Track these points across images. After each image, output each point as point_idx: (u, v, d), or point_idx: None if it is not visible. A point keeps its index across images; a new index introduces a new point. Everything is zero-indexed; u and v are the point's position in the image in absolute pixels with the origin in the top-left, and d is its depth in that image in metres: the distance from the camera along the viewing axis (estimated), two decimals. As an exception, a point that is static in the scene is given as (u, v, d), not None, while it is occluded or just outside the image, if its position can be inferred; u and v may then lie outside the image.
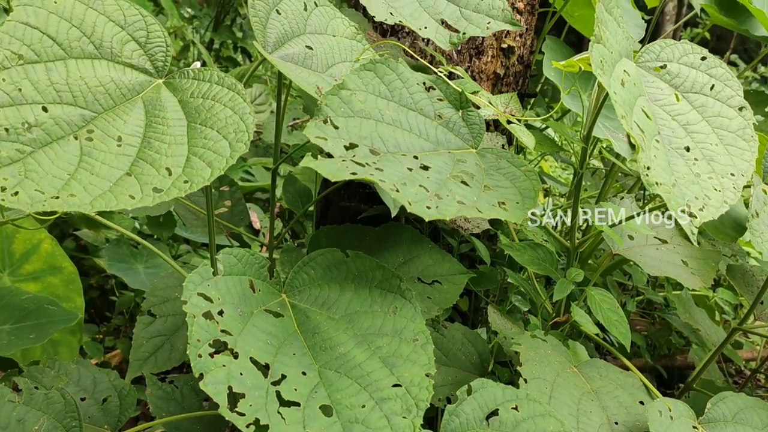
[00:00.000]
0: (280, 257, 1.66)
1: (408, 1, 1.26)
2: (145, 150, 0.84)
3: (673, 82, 0.96)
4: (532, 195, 0.89)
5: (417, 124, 0.95)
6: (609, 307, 1.07)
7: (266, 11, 1.06)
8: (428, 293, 1.21)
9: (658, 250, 1.25)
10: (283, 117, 1.39)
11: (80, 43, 0.86)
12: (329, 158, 0.83)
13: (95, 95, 0.85)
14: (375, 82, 0.94)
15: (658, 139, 0.88)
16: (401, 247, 1.28)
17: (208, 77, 0.92)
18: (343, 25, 1.17)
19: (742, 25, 1.64)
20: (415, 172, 0.86)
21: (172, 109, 0.89)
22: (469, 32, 1.26)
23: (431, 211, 0.81)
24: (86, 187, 0.78)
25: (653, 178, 0.81)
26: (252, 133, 0.87)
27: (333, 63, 1.11)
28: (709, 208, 0.84)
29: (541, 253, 1.12)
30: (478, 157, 0.96)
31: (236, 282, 0.86)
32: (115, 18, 0.90)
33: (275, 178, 1.44)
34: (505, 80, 1.64)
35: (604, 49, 0.85)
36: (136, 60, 0.91)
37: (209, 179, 0.82)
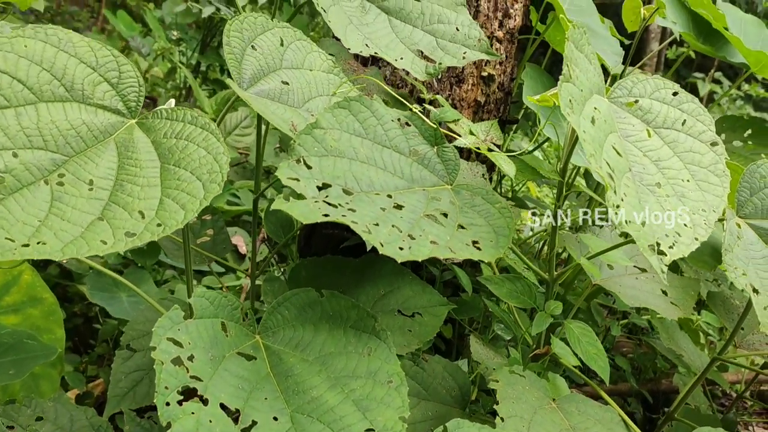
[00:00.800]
0: (263, 287, 1.65)
1: (384, 32, 1.27)
2: (118, 193, 0.83)
3: (645, 117, 0.96)
4: (506, 233, 0.89)
5: (392, 161, 0.95)
6: (588, 340, 1.06)
7: (242, 47, 1.07)
8: (408, 326, 1.20)
9: (638, 279, 1.25)
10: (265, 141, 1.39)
11: (51, 87, 0.86)
12: (302, 199, 0.82)
13: (66, 138, 0.85)
14: (349, 120, 0.95)
15: (629, 176, 0.88)
16: (382, 279, 1.27)
17: (181, 117, 0.92)
18: (320, 59, 1.17)
19: (719, 51, 1.66)
20: (388, 212, 0.86)
21: (145, 150, 0.89)
22: (446, 62, 1.27)
23: (404, 252, 0.80)
24: (57, 233, 0.77)
25: (623, 217, 0.82)
26: (225, 174, 0.87)
27: (310, 97, 1.11)
28: (680, 246, 0.84)
29: (519, 285, 1.11)
30: (452, 193, 0.96)
31: (208, 325, 0.85)
32: (86, 60, 0.90)
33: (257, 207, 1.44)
34: (486, 107, 1.65)
35: (574, 87, 0.86)
36: (109, 101, 0.91)
37: (182, 222, 0.81)
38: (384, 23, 1.27)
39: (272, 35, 1.10)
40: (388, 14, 1.28)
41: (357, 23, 1.24)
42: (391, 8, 1.29)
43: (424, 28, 1.29)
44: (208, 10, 3.25)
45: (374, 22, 1.26)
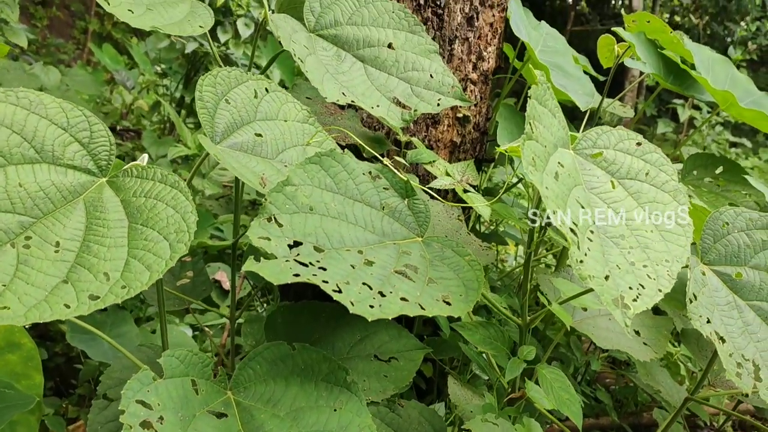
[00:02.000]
0: (243, 328, 1.65)
1: (360, 80, 1.29)
2: (84, 254, 0.84)
3: (609, 168, 0.98)
4: (476, 286, 0.90)
5: (363, 215, 0.96)
6: (560, 386, 1.07)
7: (215, 101, 1.08)
8: (385, 371, 1.20)
9: (611, 320, 1.26)
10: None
11: (20, 149, 0.87)
12: (272, 259, 0.83)
13: (34, 200, 0.86)
14: (321, 175, 0.96)
15: (593, 230, 0.90)
16: (358, 324, 1.28)
17: (151, 175, 0.93)
18: (295, 110, 1.19)
19: (688, 90, 1.69)
20: (359, 269, 0.87)
21: (114, 209, 0.89)
22: (421, 109, 1.29)
23: (374, 311, 0.81)
24: (21, 297, 0.78)
25: (585, 272, 0.83)
26: (193, 233, 0.88)
27: (284, 148, 1.13)
28: (644, 298, 0.86)
29: (493, 331, 1.12)
30: (423, 246, 0.97)
31: (178, 384, 0.86)
32: (57, 121, 0.91)
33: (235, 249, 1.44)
34: (462, 147, 1.67)
35: (537, 144, 0.87)
36: (79, 161, 0.91)
37: (147, 283, 0.82)
38: (360, 71, 1.29)
39: (246, 88, 1.12)
40: (363, 62, 1.31)
41: (333, 72, 1.26)
42: (366, 56, 1.31)
43: (399, 76, 1.31)
44: (191, 45, 3.28)
45: (350, 71, 1.28)
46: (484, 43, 1.63)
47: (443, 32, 1.58)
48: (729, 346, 0.93)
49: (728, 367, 0.92)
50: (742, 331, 0.96)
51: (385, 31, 1.35)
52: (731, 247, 1.03)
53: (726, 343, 0.93)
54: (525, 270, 1.13)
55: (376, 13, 1.35)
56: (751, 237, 1.03)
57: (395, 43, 1.34)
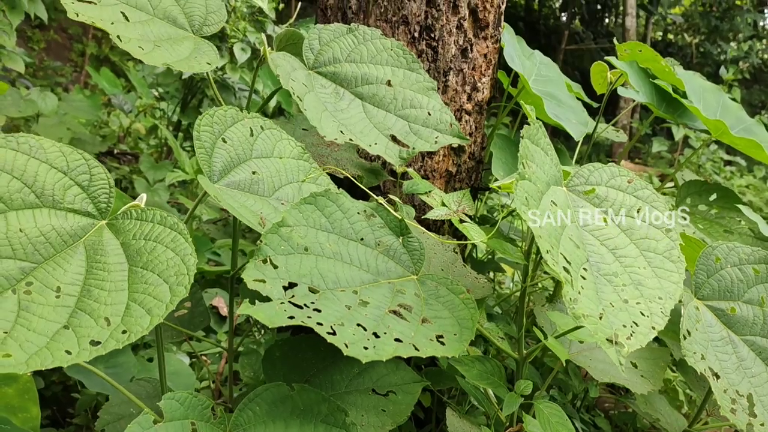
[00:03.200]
0: (241, 361, 1.65)
1: (358, 118, 1.31)
2: (84, 299, 0.85)
3: (601, 205, 1.00)
4: (470, 325, 0.91)
5: (358, 255, 0.97)
6: (558, 420, 1.08)
7: (212, 141, 1.10)
8: (383, 405, 1.21)
9: (607, 352, 1.26)
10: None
11: (21, 194, 0.88)
12: (267, 302, 0.84)
13: (35, 246, 0.87)
14: (316, 215, 0.97)
15: (586, 267, 0.91)
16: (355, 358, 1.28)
17: (151, 217, 0.94)
18: (290, 146, 1.20)
19: (680, 118, 1.72)
20: (354, 310, 0.88)
21: (114, 252, 0.90)
22: (419, 147, 1.31)
23: (368, 352, 0.82)
24: (22, 344, 0.78)
25: (579, 311, 0.84)
26: (192, 276, 0.89)
27: (280, 185, 1.14)
28: (638, 336, 0.86)
29: (489, 366, 1.13)
30: (418, 284, 0.98)
31: (178, 427, 0.86)
32: (57, 165, 0.92)
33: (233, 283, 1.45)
34: (457, 177, 1.69)
35: (530, 184, 0.89)
36: (79, 204, 0.93)
37: (148, 328, 0.83)
38: (358, 109, 1.31)
39: (242, 126, 1.14)
40: (362, 100, 1.33)
41: (332, 109, 1.27)
42: (364, 94, 1.33)
43: (397, 113, 1.33)
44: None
45: (348, 108, 1.30)
46: (479, 74, 1.65)
47: (438, 64, 1.60)
48: (723, 383, 0.94)
49: (723, 404, 0.93)
50: (736, 367, 0.97)
51: (384, 69, 1.37)
52: (724, 282, 1.04)
53: (720, 379, 0.94)
54: (521, 303, 1.14)
55: (374, 50, 1.37)
56: (744, 272, 1.04)
57: (393, 81, 1.36)
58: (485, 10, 1.63)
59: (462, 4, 1.59)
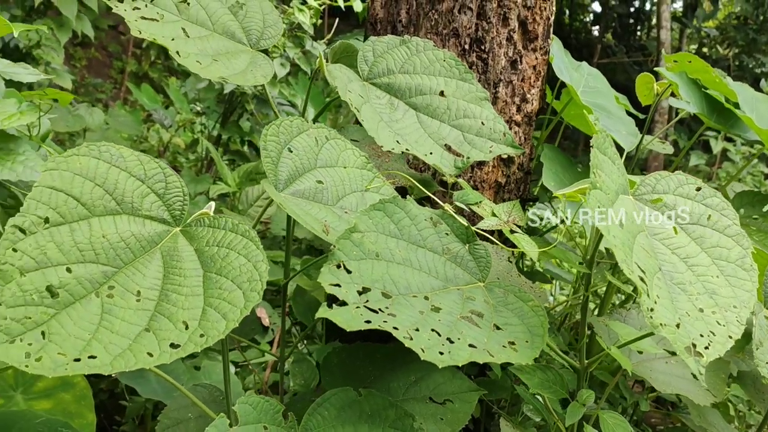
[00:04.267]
0: (292, 368, 1.66)
1: (413, 128, 1.32)
2: (163, 303, 0.87)
3: (670, 214, 0.99)
4: (541, 332, 0.91)
5: (426, 261, 0.98)
6: (622, 431, 1.06)
7: (278, 150, 1.12)
8: (440, 414, 1.21)
9: (668, 363, 1.25)
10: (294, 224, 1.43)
11: (103, 201, 0.91)
12: (343, 306, 0.85)
13: (116, 251, 0.89)
14: (385, 222, 0.98)
15: (660, 276, 0.90)
16: (412, 365, 1.29)
17: (222, 224, 0.96)
18: (354, 156, 1.22)
19: (732, 129, 1.70)
20: (427, 315, 0.88)
21: (189, 258, 0.92)
22: (473, 156, 1.32)
23: (444, 357, 0.83)
24: (106, 346, 0.80)
25: (657, 320, 0.83)
26: (265, 282, 0.90)
27: (343, 194, 1.16)
28: (715, 345, 0.85)
29: (550, 375, 1.12)
30: (486, 291, 0.99)
31: (251, 431, 0.87)
32: (135, 173, 0.95)
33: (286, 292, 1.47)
34: (506, 188, 1.69)
35: (601, 193, 0.89)
36: (155, 211, 0.95)
37: (224, 332, 0.84)
38: (412, 119, 1.32)
39: (307, 136, 1.16)
40: (416, 110, 1.34)
41: (387, 120, 1.29)
42: (418, 104, 1.35)
43: (451, 123, 1.34)
44: (230, 86, 3.37)
45: (403, 118, 1.31)
46: (528, 85, 1.66)
47: (488, 76, 1.61)
48: (799, 394, 0.92)
49: (799, 415, 0.91)
50: (811, 378, 0.95)
51: (437, 79, 1.38)
52: (795, 292, 1.03)
53: (796, 390, 0.92)
54: (582, 313, 1.13)
55: (427, 61, 1.39)
56: (815, 281, 1.02)
57: (446, 91, 1.37)
58: (534, 22, 1.64)
59: (512, 17, 1.60)
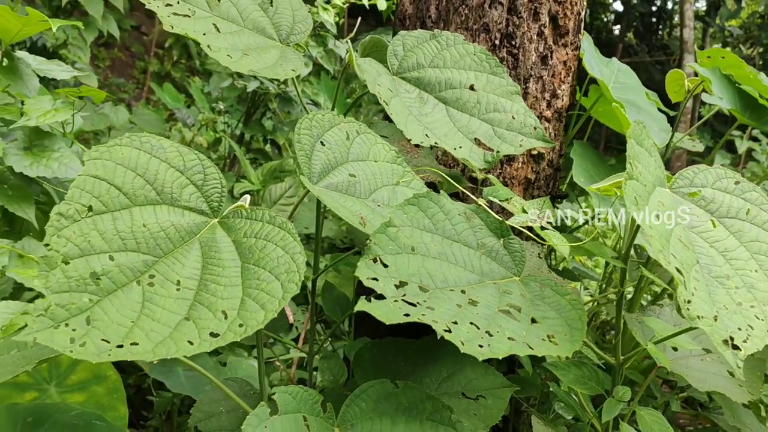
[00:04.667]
0: (320, 364, 1.67)
1: (442, 122, 1.32)
2: (202, 293, 0.87)
3: (708, 207, 0.98)
4: (580, 326, 0.90)
5: (461, 255, 0.98)
6: (660, 428, 1.05)
7: (311, 144, 1.12)
8: (473, 409, 1.20)
9: (703, 360, 1.24)
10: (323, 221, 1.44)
11: (144, 191, 0.92)
12: (382, 300, 0.85)
13: (156, 240, 0.90)
14: (419, 216, 0.98)
15: (697, 269, 0.89)
16: (444, 360, 1.29)
17: (260, 216, 0.97)
18: (384, 150, 1.22)
19: (766, 126, 1.68)
20: (465, 309, 0.88)
21: (227, 249, 0.93)
22: (503, 150, 1.31)
23: (483, 350, 0.82)
24: (148, 334, 0.81)
25: (694, 312, 0.83)
26: (303, 274, 0.91)
27: (375, 188, 1.16)
28: (754, 339, 0.84)
29: (586, 371, 1.12)
30: (522, 285, 0.98)
31: (291, 421, 0.88)
32: (175, 164, 0.96)
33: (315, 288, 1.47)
34: (536, 184, 1.68)
35: (638, 184, 0.88)
36: (194, 202, 0.96)
37: (263, 322, 0.85)
38: (442, 113, 1.32)
39: (339, 130, 1.16)
40: (445, 104, 1.34)
41: (417, 114, 1.29)
42: (448, 98, 1.34)
43: (481, 117, 1.34)
44: (252, 84, 3.39)
45: (433, 112, 1.31)
46: (558, 81, 1.65)
47: (518, 71, 1.60)
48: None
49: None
50: None
51: (467, 73, 1.38)
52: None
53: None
54: (617, 309, 1.12)
55: (457, 55, 1.39)
56: None
57: (477, 85, 1.37)
58: (565, 17, 1.63)
59: (543, 11, 1.60)
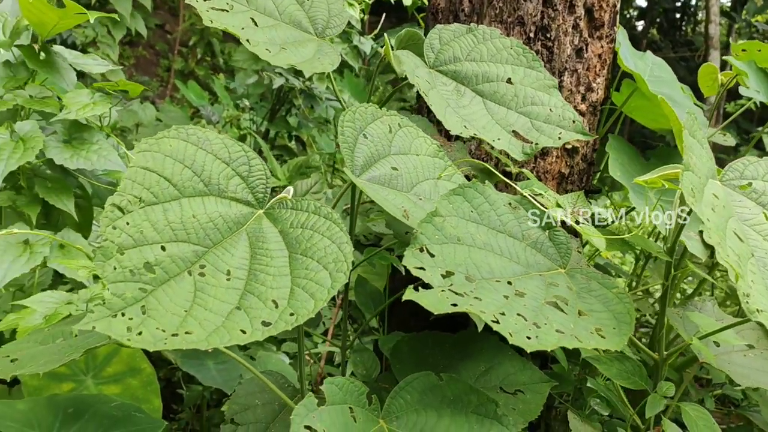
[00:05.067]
0: (352, 358, 1.67)
1: (480, 114, 1.32)
2: (252, 282, 0.88)
3: (760, 200, 0.97)
4: (628, 320, 0.89)
5: (507, 246, 0.98)
6: (705, 423, 1.04)
7: (354, 136, 1.12)
8: (512, 404, 1.20)
9: (746, 356, 1.22)
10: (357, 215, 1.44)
11: (192, 182, 0.93)
12: (428, 288, 0.85)
13: (206, 231, 0.91)
14: (465, 207, 0.98)
15: (753, 262, 0.88)
16: (482, 355, 1.28)
17: (305, 207, 0.97)
18: (426, 144, 1.22)
19: (807, 119, 1.65)
20: (512, 300, 0.88)
21: (274, 240, 0.94)
22: (542, 143, 1.30)
23: (532, 342, 0.82)
24: (201, 323, 0.82)
25: (753, 305, 0.81)
26: (350, 263, 0.91)
27: (417, 181, 1.16)
28: (813, 333, 0.83)
29: (629, 366, 1.11)
30: (568, 278, 0.97)
31: (338, 411, 0.88)
32: (221, 156, 0.96)
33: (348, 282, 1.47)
34: (569, 179, 1.67)
35: (694, 176, 0.87)
36: (240, 193, 0.97)
37: (313, 311, 0.85)
38: (479, 106, 1.32)
39: (381, 123, 1.16)
40: (482, 97, 1.33)
41: (454, 106, 1.29)
42: (485, 91, 1.34)
43: (518, 110, 1.33)
44: (278, 81, 3.40)
45: (470, 105, 1.31)
46: (593, 74, 1.63)
47: (553, 64, 1.59)
48: None
49: None
50: None
51: (504, 67, 1.37)
52: None
53: None
54: (661, 304, 1.11)
55: (494, 49, 1.38)
56: None
57: (514, 78, 1.36)
58: (601, 9, 1.61)
59: (578, 4, 1.58)
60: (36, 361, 1.07)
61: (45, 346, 1.13)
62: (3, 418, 1.31)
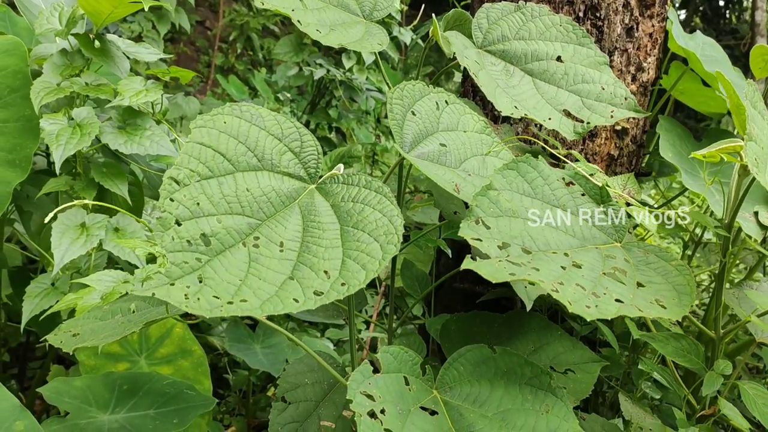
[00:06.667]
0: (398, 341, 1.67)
1: (530, 94, 1.30)
2: (304, 254, 0.89)
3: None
4: (688, 291, 0.88)
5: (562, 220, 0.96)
6: (764, 402, 1.01)
7: (402, 113, 1.12)
8: (562, 383, 1.18)
9: (806, 337, 1.18)
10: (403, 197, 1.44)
11: (246, 157, 0.94)
12: (486, 259, 0.85)
13: (259, 204, 0.92)
14: (518, 181, 0.97)
15: (820, 233, 0.85)
16: (530, 335, 1.27)
17: (356, 181, 0.98)
18: (473, 120, 1.21)
19: None
20: (569, 270, 0.87)
21: (326, 213, 0.94)
22: (593, 121, 1.28)
23: (591, 311, 0.81)
24: (255, 291, 0.83)
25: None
26: (401, 236, 0.91)
27: (465, 158, 1.15)
28: None
29: (684, 344, 1.08)
30: (624, 251, 0.96)
31: (393, 380, 0.88)
32: (273, 132, 0.98)
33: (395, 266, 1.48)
34: (619, 161, 1.64)
35: (756, 146, 0.85)
36: (293, 168, 0.98)
37: (364, 282, 0.85)
38: (529, 85, 1.30)
39: (429, 100, 1.16)
40: (532, 76, 1.32)
41: (504, 86, 1.28)
42: (534, 71, 1.32)
43: (569, 89, 1.31)
44: (319, 72, 3.42)
45: (519, 85, 1.29)
46: (644, 53, 1.60)
47: (602, 44, 1.56)
48: None
49: None
50: None
51: (553, 45, 1.35)
52: None
53: None
54: (718, 281, 1.08)
55: (543, 27, 1.36)
56: None
57: (564, 56, 1.34)
58: (651, -13, 1.58)
59: (628, -18, 1.55)
60: (96, 336, 1.10)
61: (104, 321, 1.16)
62: (62, 394, 1.36)
